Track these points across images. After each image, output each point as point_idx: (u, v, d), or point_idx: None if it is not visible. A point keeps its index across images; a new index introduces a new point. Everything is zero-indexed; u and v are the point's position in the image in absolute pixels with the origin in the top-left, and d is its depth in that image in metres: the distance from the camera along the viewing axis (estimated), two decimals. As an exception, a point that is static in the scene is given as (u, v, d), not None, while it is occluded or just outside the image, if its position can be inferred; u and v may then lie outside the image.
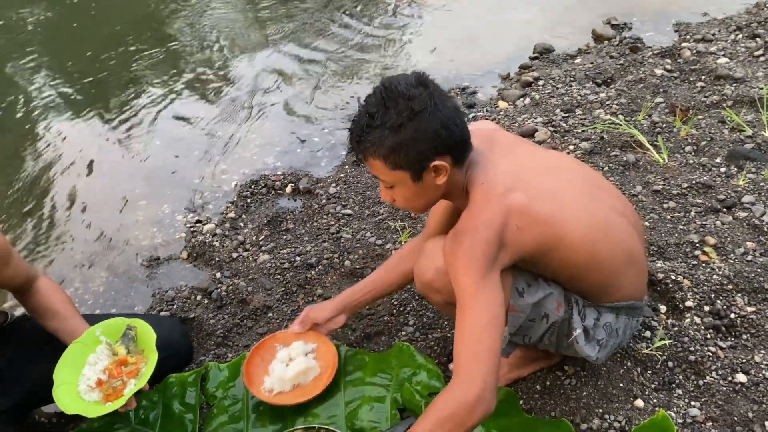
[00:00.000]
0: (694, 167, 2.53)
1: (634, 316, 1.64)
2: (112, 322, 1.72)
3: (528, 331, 1.53)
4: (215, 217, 2.77)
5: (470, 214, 1.38)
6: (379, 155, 1.34)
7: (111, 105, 3.82)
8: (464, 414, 1.24)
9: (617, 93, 3.08)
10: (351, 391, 1.79)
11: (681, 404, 1.72)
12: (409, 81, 1.33)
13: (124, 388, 1.60)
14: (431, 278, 1.53)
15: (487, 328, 1.29)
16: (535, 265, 1.47)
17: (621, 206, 1.59)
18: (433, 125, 1.31)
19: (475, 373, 1.26)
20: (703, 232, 2.21)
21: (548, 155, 1.66)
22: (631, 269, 1.56)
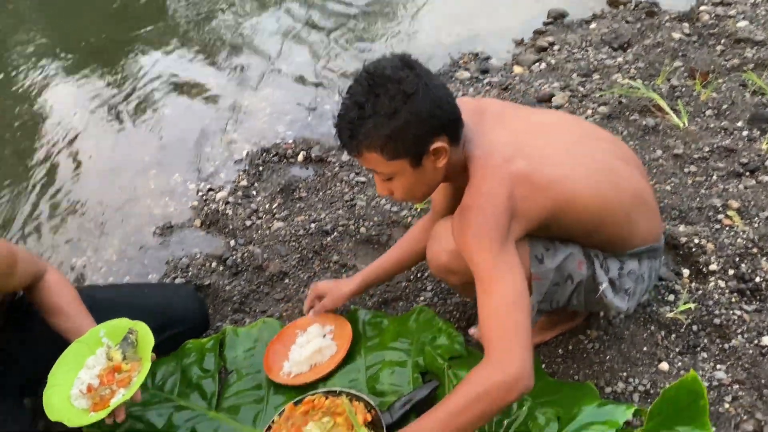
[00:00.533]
0: (715, 131, 2.48)
1: (655, 258, 1.60)
2: (116, 322, 1.64)
3: (554, 296, 1.50)
4: (227, 186, 2.73)
5: (473, 191, 1.33)
6: (376, 147, 1.27)
7: (116, 74, 3.77)
8: (502, 393, 1.19)
9: (635, 57, 3.01)
10: (371, 356, 1.77)
11: (706, 367, 1.70)
12: (394, 64, 1.26)
13: (111, 398, 1.52)
14: (446, 261, 1.49)
15: (515, 303, 1.25)
16: (549, 229, 1.42)
17: (619, 151, 1.55)
18: (427, 106, 1.25)
19: (511, 352, 1.21)
20: (725, 196, 2.17)
21: (538, 115, 1.61)
22: (643, 211, 1.51)
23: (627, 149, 1.61)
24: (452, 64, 3.35)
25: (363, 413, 1.57)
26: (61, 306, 1.67)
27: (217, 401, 1.74)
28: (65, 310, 1.67)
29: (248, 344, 1.89)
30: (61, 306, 1.67)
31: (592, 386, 1.58)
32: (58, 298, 1.68)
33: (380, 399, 1.65)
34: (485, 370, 1.22)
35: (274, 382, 1.75)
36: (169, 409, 1.74)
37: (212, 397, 1.75)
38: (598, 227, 1.45)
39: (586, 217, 1.41)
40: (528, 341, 1.23)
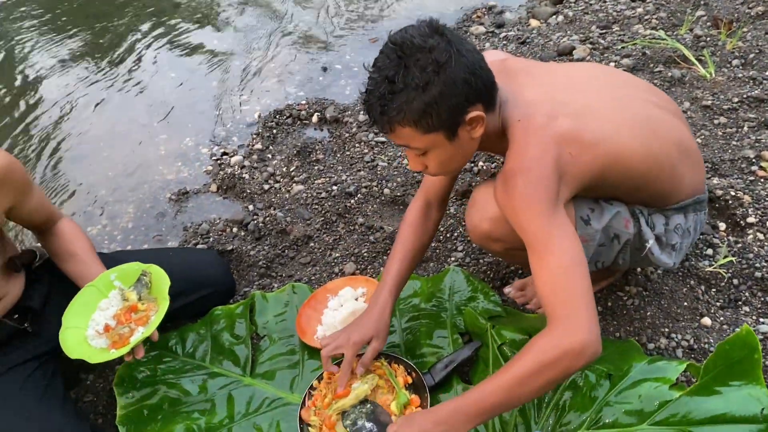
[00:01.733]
0: (743, 81, 2.41)
1: (700, 210, 1.55)
2: (127, 267, 1.65)
3: (600, 257, 1.46)
4: (241, 149, 2.66)
5: (516, 154, 1.25)
6: (410, 121, 1.18)
7: (119, 38, 3.66)
8: (572, 360, 1.12)
9: (655, 7, 2.93)
10: (407, 318, 1.73)
11: (749, 321, 1.67)
12: (422, 31, 1.17)
13: (131, 336, 1.53)
14: (488, 229, 1.43)
15: (575, 267, 1.18)
16: (595, 189, 1.36)
17: (656, 98, 1.49)
18: (461, 74, 1.16)
19: (576, 316, 1.14)
20: (758, 147, 2.12)
21: (566, 68, 1.54)
22: (687, 161, 1.45)
23: (665, 96, 1.54)
24: (465, 19, 3.26)
25: (403, 375, 1.54)
26: (75, 251, 1.67)
27: (251, 367, 1.71)
28: (78, 256, 1.67)
29: (278, 309, 1.86)
30: (75, 251, 1.67)
31: (635, 343, 1.55)
32: (71, 245, 1.68)
33: (420, 361, 1.62)
34: (552, 337, 1.15)
35: (309, 347, 1.71)
36: (202, 376, 1.70)
37: (246, 363, 1.72)
38: (646, 183, 1.40)
39: (633, 173, 1.35)
40: (593, 304, 1.17)
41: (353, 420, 1.48)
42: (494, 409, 1.18)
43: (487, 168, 2.27)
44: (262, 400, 1.62)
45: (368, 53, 3.24)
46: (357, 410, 1.49)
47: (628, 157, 1.32)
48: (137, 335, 1.52)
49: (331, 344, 1.52)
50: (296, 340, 1.75)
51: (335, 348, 1.51)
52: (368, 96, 1.22)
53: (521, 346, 1.51)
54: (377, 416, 1.47)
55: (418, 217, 1.61)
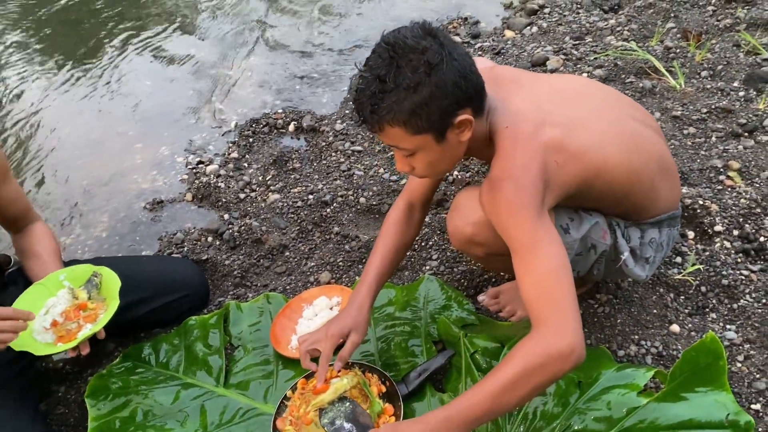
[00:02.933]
0: (711, 92, 2.47)
1: (674, 226, 1.59)
2: (78, 268, 1.70)
3: (577, 266, 1.48)
4: (217, 158, 2.66)
5: (503, 161, 1.27)
6: (399, 121, 1.19)
7: (93, 47, 3.64)
8: (558, 365, 1.12)
9: (627, 19, 2.98)
10: (381, 327, 1.74)
11: (716, 328, 1.70)
12: (415, 33, 1.18)
13: (78, 331, 1.57)
14: (471, 233, 1.43)
15: (561, 272, 1.19)
16: (577, 199, 1.38)
17: (640, 115, 1.52)
18: (452, 77, 1.17)
19: (562, 322, 1.14)
20: (726, 157, 2.17)
21: (555, 79, 1.57)
22: (666, 177, 1.49)
23: (646, 112, 1.57)
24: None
25: (377, 384, 1.55)
26: (39, 252, 1.72)
27: (225, 377, 1.70)
28: (42, 256, 1.71)
29: (253, 319, 1.86)
30: (39, 252, 1.72)
31: (606, 350, 1.58)
32: (37, 245, 1.74)
33: (394, 370, 1.62)
34: (540, 341, 1.15)
35: (283, 357, 1.71)
36: (175, 387, 1.69)
37: (219, 373, 1.71)
38: (626, 195, 1.42)
39: (615, 185, 1.38)
40: (577, 309, 1.17)
41: (331, 419, 1.45)
42: (483, 416, 1.17)
43: (461, 177, 2.29)
44: (236, 410, 1.61)
45: (345, 62, 3.26)
46: (335, 408, 1.47)
47: (611, 169, 1.35)
48: (84, 331, 1.56)
49: (309, 340, 1.52)
50: (270, 350, 1.75)
51: (313, 343, 1.51)
52: (359, 94, 1.22)
53: (493, 355, 1.55)
54: (356, 416, 1.45)
55: (400, 217, 1.62)
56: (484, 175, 2.27)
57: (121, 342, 1.90)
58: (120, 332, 1.88)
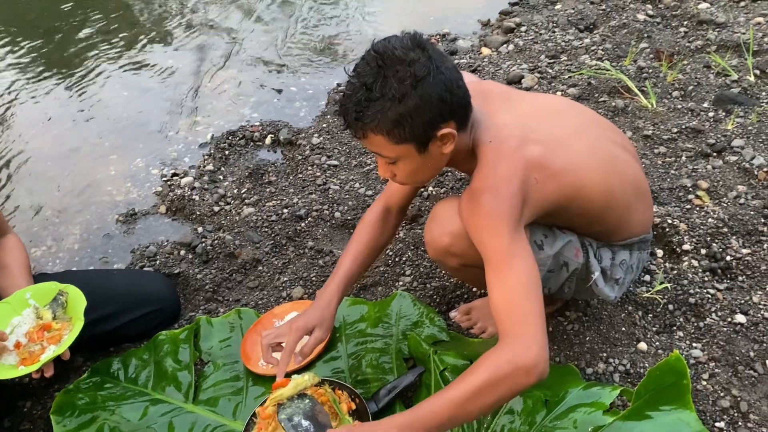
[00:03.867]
0: (682, 112, 2.51)
1: (644, 249, 1.62)
2: (44, 285, 1.68)
3: (548, 283, 1.49)
4: (192, 170, 2.65)
5: (485, 173, 1.29)
6: (382, 130, 1.21)
7: (69, 56, 3.61)
8: (522, 377, 1.14)
9: (601, 38, 3.03)
10: (353, 343, 1.74)
11: (683, 346, 1.72)
12: (404, 44, 1.19)
13: (41, 353, 1.54)
14: (448, 243, 1.44)
15: (531, 287, 1.21)
16: (553, 216, 1.40)
17: (619, 138, 1.55)
18: (438, 90, 1.19)
19: (529, 336, 1.16)
20: (695, 177, 2.21)
21: (540, 98, 1.60)
22: (641, 201, 1.52)
23: (624, 136, 1.60)
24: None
25: (347, 402, 1.54)
26: (9, 264, 1.72)
27: (194, 394, 1.69)
28: (10, 269, 1.71)
29: (224, 334, 1.84)
30: (9, 264, 1.72)
31: (574, 368, 1.60)
32: (8, 257, 1.74)
33: (364, 387, 1.62)
34: (505, 353, 1.16)
35: (253, 373, 1.70)
36: (143, 403, 1.68)
37: (189, 389, 1.70)
38: (601, 216, 1.45)
39: (591, 205, 1.40)
40: (544, 326, 1.19)
41: (289, 414, 1.41)
42: (445, 423, 1.17)
43: (436, 193, 2.30)
44: (204, 427, 1.60)
45: (324, 75, 3.27)
46: (294, 404, 1.44)
47: (588, 189, 1.37)
48: (48, 353, 1.54)
49: (272, 333, 1.53)
50: (241, 367, 1.74)
51: (276, 336, 1.52)
52: (345, 100, 1.24)
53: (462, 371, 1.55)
54: (315, 414, 1.43)
55: (376, 219, 1.64)
56: (458, 191, 2.29)
57: (89, 356, 1.88)
58: (89, 347, 1.86)
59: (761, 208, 2.05)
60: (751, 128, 2.38)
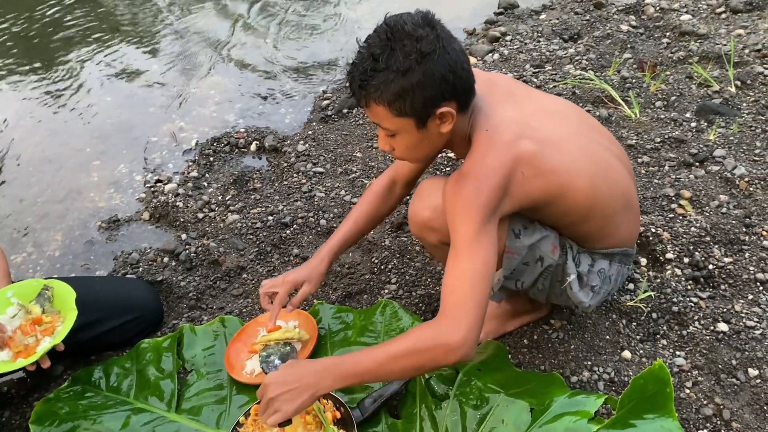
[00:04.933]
0: (665, 122, 2.54)
1: (626, 264, 1.63)
2: (26, 283, 1.68)
3: (521, 275, 1.50)
4: (176, 177, 2.63)
5: (475, 160, 1.32)
6: (384, 101, 1.24)
7: (52, 62, 3.58)
8: (442, 353, 1.24)
9: (585, 48, 3.05)
10: (338, 352, 1.73)
11: (666, 354, 1.73)
12: (415, 20, 1.23)
13: (37, 346, 1.55)
14: (429, 217, 1.48)
15: (480, 278, 1.27)
16: (536, 212, 1.43)
17: (616, 149, 1.57)
18: (442, 69, 1.21)
19: (462, 319, 1.24)
20: (678, 186, 2.23)
21: (546, 98, 1.61)
22: (628, 214, 1.54)
23: (621, 148, 1.62)
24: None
25: (332, 411, 1.54)
26: None
27: (177, 402, 1.67)
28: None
29: (207, 342, 1.83)
30: None
31: (558, 376, 1.59)
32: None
33: (349, 396, 1.61)
34: (435, 328, 1.26)
35: (237, 381, 1.69)
36: (125, 412, 1.65)
37: (171, 398, 1.68)
38: (585, 220, 1.46)
39: (575, 208, 1.42)
40: (481, 316, 1.26)
41: (268, 353, 1.68)
42: (363, 375, 1.30)
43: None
44: (187, 436, 1.58)
45: (309, 82, 3.27)
46: (275, 347, 1.69)
47: (574, 192, 1.39)
48: (44, 344, 1.53)
49: (269, 284, 1.67)
50: (224, 375, 1.72)
51: (271, 286, 1.66)
52: (353, 68, 1.28)
53: (447, 380, 1.56)
54: (289, 357, 1.67)
55: (381, 188, 1.72)
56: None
57: (70, 365, 1.85)
58: (70, 355, 1.84)
59: (743, 217, 2.07)
60: (733, 138, 2.40)
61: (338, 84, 3.21)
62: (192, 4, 4.10)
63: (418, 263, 2.05)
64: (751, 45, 2.92)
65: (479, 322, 1.26)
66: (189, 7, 4.07)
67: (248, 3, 4.01)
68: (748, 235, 2.02)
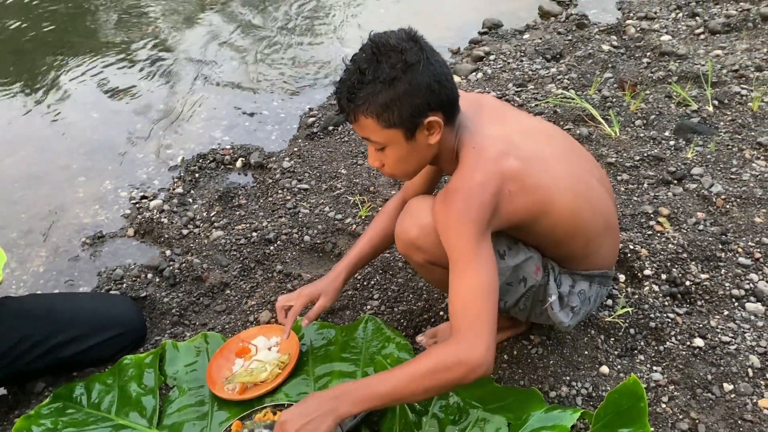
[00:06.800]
0: (644, 140, 2.59)
1: (605, 285, 1.67)
2: None
3: (505, 295, 1.52)
4: (162, 193, 2.64)
5: (463, 175, 1.34)
6: (372, 112, 1.28)
7: (39, 77, 3.59)
8: (463, 373, 1.23)
9: (567, 68, 3.11)
10: (321, 367, 1.74)
11: (644, 369, 1.76)
12: (399, 36, 1.28)
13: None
14: (416, 236, 1.48)
15: (489, 291, 1.28)
16: (520, 231, 1.46)
17: (597, 172, 1.60)
18: (427, 79, 1.26)
19: (480, 337, 1.24)
20: (656, 203, 2.27)
21: (532, 120, 1.65)
22: (608, 237, 1.57)
23: (603, 171, 1.66)
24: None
25: (312, 426, 1.54)
26: None
27: (158, 419, 1.67)
28: None
29: (189, 358, 1.83)
30: None
31: (537, 391, 1.61)
32: None
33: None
34: (454, 348, 1.25)
35: (218, 397, 1.70)
36: (106, 429, 1.65)
37: (153, 414, 1.68)
38: (566, 241, 1.49)
39: (558, 228, 1.45)
40: (495, 329, 1.27)
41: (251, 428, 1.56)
42: (383, 397, 1.28)
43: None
44: (168, 453, 1.59)
45: (295, 100, 3.30)
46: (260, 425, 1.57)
47: (557, 212, 1.41)
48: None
49: (284, 297, 1.70)
50: (206, 391, 1.72)
51: (287, 300, 1.69)
52: (340, 84, 1.32)
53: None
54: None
55: (393, 209, 1.73)
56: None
57: (52, 381, 1.85)
58: (52, 371, 1.84)
59: (719, 234, 2.11)
60: (710, 157, 2.45)
61: (324, 101, 3.25)
62: (180, 23, 4.13)
63: (401, 279, 2.07)
64: (729, 65, 2.99)
65: (493, 334, 1.27)
66: (177, 26, 4.10)
67: (236, 22, 4.06)
68: (724, 252, 2.05)
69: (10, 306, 1.79)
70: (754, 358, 1.74)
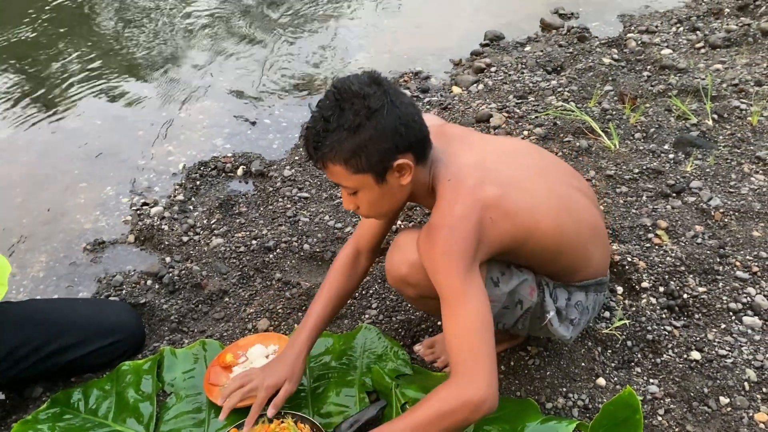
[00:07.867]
0: (644, 153, 2.60)
1: (601, 291, 1.67)
2: None
3: (502, 318, 1.53)
4: (163, 200, 2.65)
5: (442, 210, 1.34)
6: (339, 160, 1.28)
7: (42, 81, 3.61)
8: (469, 412, 1.22)
9: (568, 80, 3.13)
10: (317, 376, 1.75)
11: (640, 381, 1.76)
12: (361, 80, 1.28)
13: None
14: (406, 273, 1.48)
15: (482, 325, 1.27)
16: (509, 255, 1.45)
17: (577, 182, 1.61)
18: (392, 123, 1.26)
19: (478, 374, 1.23)
20: (655, 216, 2.27)
21: (501, 141, 1.67)
22: (597, 244, 1.57)
23: (584, 181, 1.66)
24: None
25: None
26: None
27: (155, 425, 1.68)
28: None
29: (187, 365, 1.84)
30: None
31: (533, 402, 1.62)
32: None
33: (326, 420, 1.63)
34: (454, 389, 1.24)
35: (216, 405, 1.70)
36: (103, 435, 1.66)
37: (150, 420, 1.69)
38: (556, 257, 1.49)
39: (545, 247, 1.45)
40: (495, 364, 1.26)
41: None
42: None
43: (405, 228, 2.34)
44: (164, 459, 1.59)
45: (298, 109, 3.31)
46: None
47: (542, 232, 1.41)
48: None
49: (246, 387, 1.58)
50: (203, 398, 1.73)
51: (249, 391, 1.57)
52: (307, 132, 1.32)
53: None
54: None
55: (346, 264, 1.68)
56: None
57: (50, 387, 1.85)
58: (51, 377, 1.84)
59: (717, 247, 2.11)
60: (709, 170, 2.46)
61: (326, 111, 3.26)
62: (183, 30, 4.15)
63: (399, 289, 2.08)
64: (729, 80, 3.00)
65: (495, 369, 1.25)
66: (180, 33, 4.13)
67: (239, 30, 4.08)
68: (722, 266, 2.06)
69: (9, 311, 1.79)
70: (751, 371, 1.75)
